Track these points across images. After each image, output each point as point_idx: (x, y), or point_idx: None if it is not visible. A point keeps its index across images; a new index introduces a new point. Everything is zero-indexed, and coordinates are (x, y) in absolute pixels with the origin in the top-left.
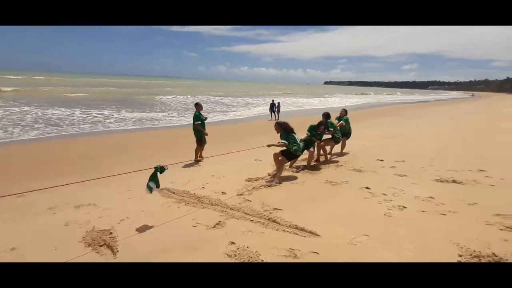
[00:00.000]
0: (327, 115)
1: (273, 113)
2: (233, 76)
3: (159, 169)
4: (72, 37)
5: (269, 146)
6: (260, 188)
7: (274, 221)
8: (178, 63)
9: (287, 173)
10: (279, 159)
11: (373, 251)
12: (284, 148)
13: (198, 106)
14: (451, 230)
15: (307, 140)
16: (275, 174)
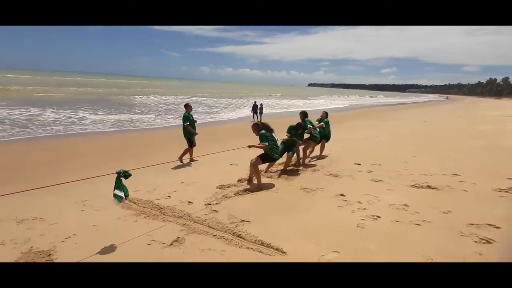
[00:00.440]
0: (305, 113)
1: (255, 115)
2: (217, 76)
3: (122, 174)
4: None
5: (250, 147)
6: (231, 197)
7: (239, 235)
8: (159, 63)
9: (263, 179)
10: (252, 162)
11: None
12: (264, 149)
13: (188, 107)
14: (426, 243)
15: (287, 142)
16: (248, 180)
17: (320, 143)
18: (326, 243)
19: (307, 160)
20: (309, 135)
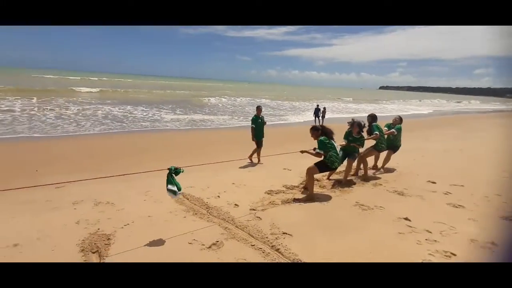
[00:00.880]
0: (373, 117)
1: (317, 118)
2: (283, 79)
3: (173, 170)
4: (136, 39)
5: (302, 152)
6: (277, 205)
7: (278, 250)
8: (231, 67)
9: (315, 188)
10: (309, 169)
11: None
12: (318, 158)
13: (257, 110)
14: None
15: (347, 148)
16: (303, 188)
17: (386, 153)
18: None
19: (371, 172)
20: (373, 141)
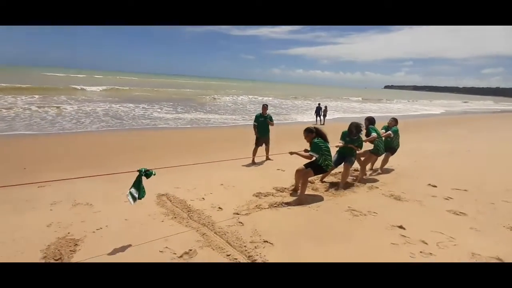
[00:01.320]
0: (370, 120)
1: (318, 117)
2: (287, 78)
3: (143, 172)
4: (144, 39)
5: (292, 153)
6: (263, 208)
7: (254, 260)
8: (236, 66)
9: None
10: (303, 172)
11: None
12: (309, 160)
13: (263, 108)
14: None
15: (343, 150)
16: (292, 191)
17: (384, 155)
18: None
19: (368, 173)
20: (371, 143)
